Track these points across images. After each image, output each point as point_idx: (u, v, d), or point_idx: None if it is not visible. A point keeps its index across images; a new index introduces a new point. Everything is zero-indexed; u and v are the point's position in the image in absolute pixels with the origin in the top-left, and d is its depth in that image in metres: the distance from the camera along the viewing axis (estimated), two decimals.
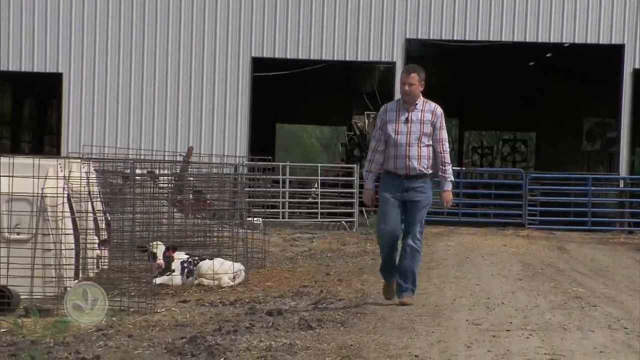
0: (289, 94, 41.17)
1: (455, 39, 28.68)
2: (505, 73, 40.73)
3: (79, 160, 14.82)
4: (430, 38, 28.84)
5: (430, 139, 11.22)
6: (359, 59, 29.16)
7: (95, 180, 15.07)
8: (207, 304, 11.96)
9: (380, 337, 9.34)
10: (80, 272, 13.32)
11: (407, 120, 11.20)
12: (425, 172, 11.22)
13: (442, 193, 11.44)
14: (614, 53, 28.59)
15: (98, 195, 14.87)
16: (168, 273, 13.75)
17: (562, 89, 41.13)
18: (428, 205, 11.39)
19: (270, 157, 26.46)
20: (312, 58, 28.83)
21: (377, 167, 11.41)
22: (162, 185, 19.27)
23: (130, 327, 10.15)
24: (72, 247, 12.62)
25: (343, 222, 25.45)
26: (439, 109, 11.34)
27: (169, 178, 20.18)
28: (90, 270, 13.77)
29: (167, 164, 21.48)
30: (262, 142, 36.08)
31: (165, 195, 18.75)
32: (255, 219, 20.80)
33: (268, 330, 9.87)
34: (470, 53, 31.48)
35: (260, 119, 33.07)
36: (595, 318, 10.86)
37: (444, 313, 10.97)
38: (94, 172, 15.37)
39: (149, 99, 28.46)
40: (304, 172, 30.75)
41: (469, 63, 37.86)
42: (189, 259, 13.95)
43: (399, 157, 11.18)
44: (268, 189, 24.63)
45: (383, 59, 28.95)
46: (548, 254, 19.43)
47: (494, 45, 29.06)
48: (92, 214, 13.86)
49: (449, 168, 11.30)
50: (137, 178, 17.34)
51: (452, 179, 11.35)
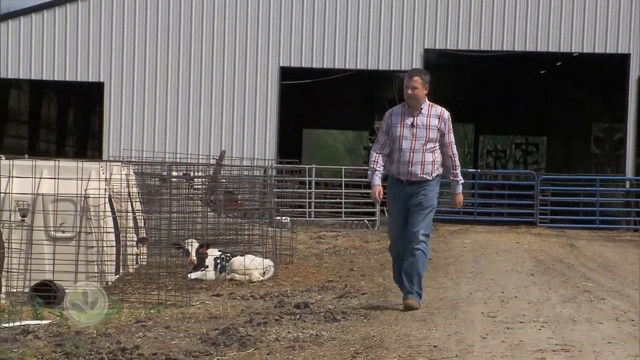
0: (315, 101, 41.16)
1: (471, 49, 28.64)
2: (518, 80, 40.59)
3: (119, 164, 14.86)
4: (447, 48, 28.84)
5: (437, 144, 10.46)
6: (380, 68, 29.17)
7: (135, 182, 15.11)
8: (238, 298, 11.95)
9: (401, 328, 9.32)
10: (121, 267, 13.36)
11: (412, 125, 10.42)
12: (428, 178, 10.47)
13: (454, 196, 10.75)
14: (620, 62, 28.46)
15: (137, 196, 14.91)
16: (202, 268, 13.77)
17: (571, 96, 40.95)
18: (432, 207, 10.53)
19: (297, 160, 26.46)
20: (336, 67, 28.85)
21: (381, 166, 10.53)
22: (196, 187, 19.29)
23: (168, 319, 10.16)
24: (113, 244, 12.65)
25: (365, 220, 25.42)
26: (446, 113, 10.54)
27: (203, 180, 20.21)
28: (130, 266, 13.81)
29: (201, 167, 21.52)
30: (289, 146, 36.08)
31: (200, 196, 18.77)
32: (284, 218, 20.80)
33: (296, 322, 9.87)
34: (485, 62, 31.39)
35: (288, 124, 33.03)
36: (604, 311, 10.80)
37: (461, 306, 10.93)
38: (133, 174, 15.41)
39: (184, 106, 28.54)
40: (329, 174, 30.73)
41: (484, 71, 37.78)
42: (222, 256, 13.96)
43: (402, 162, 10.43)
44: (295, 190, 24.62)
45: (403, 68, 28.87)
46: (558, 251, 19.35)
47: (507, 55, 28.99)
48: (131, 214, 13.89)
49: (459, 171, 10.65)
50: (173, 180, 17.39)
51: (462, 182, 10.74)
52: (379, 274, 14.30)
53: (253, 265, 13.89)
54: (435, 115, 10.46)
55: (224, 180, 20.57)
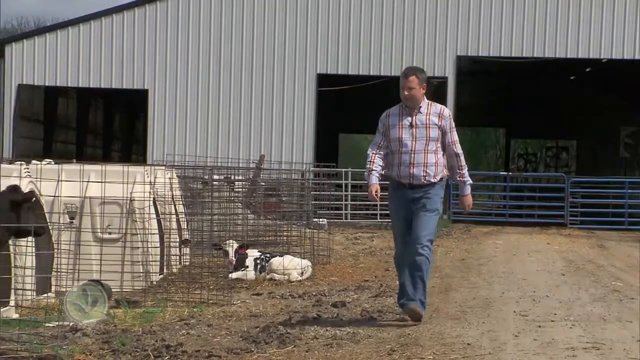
0: (351, 107, 41.14)
1: (502, 56, 28.53)
2: (548, 86, 40.35)
3: (163, 167, 14.93)
4: (480, 55, 28.74)
5: (439, 143, 9.43)
6: None
7: (178, 185, 15.17)
8: (278, 297, 11.96)
9: (435, 326, 9.28)
10: (165, 268, 13.42)
11: (411, 125, 9.40)
12: (432, 181, 9.42)
13: (462, 198, 9.76)
14: None
15: (180, 199, 14.97)
16: (243, 269, 13.80)
17: (600, 100, 40.65)
18: (436, 211, 9.47)
19: (334, 163, 26.47)
20: (371, 74, 28.84)
21: (378, 166, 9.50)
22: (237, 190, 19.34)
23: (210, 317, 10.19)
24: (157, 245, 12.71)
25: None
26: (446, 111, 9.56)
27: (243, 183, 20.26)
28: (174, 266, 13.86)
29: (241, 170, 21.57)
30: (326, 150, 36.07)
31: (240, 199, 18.82)
32: (321, 220, 20.80)
33: (333, 321, 9.86)
34: (516, 68, 31.23)
35: (325, 129, 33.04)
36: (633, 310, 10.70)
37: (494, 305, 10.87)
38: (177, 177, 15.48)
39: (225, 112, 28.65)
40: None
41: (515, 77, 37.58)
42: (262, 256, 13.99)
43: (403, 165, 9.41)
44: (332, 193, 24.62)
45: (436, 74, 28.85)
46: (588, 251, 19.20)
47: (538, 61, 28.83)
48: (175, 216, 13.95)
49: (466, 171, 9.57)
50: (214, 183, 17.44)
51: (470, 182, 9.67)
52: None
53: (292, 266, 13.90)
54: (435, 114, 9.45)
55: (264, 184, 20.61)
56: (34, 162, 12.46)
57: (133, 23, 28.60)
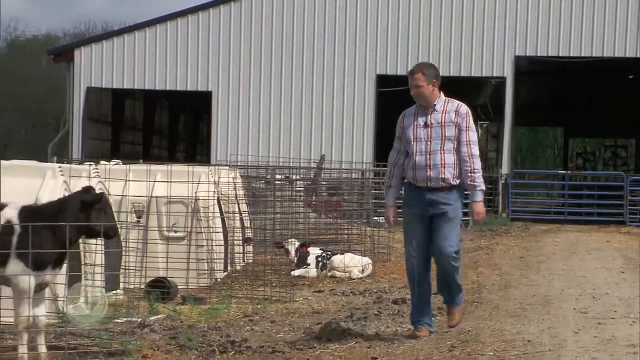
0: (410, 106, 40.95)
1: (560, 55, 28.24)
2: (607, 85, 39.80)
3: (227, 168, 15.02)
4: (537, 55, 28.49)
5: (456, 143, 8.51)
6: (472, 75, 28.96)
7: (241, 185, 15.25)
8: (339, 294, 11.96)
9: (496, 323, 9.21)
10: (229, 265, 13.49)
11: (426, 125, 8.56)
12: (451, 183, 8.48)
13: (472, 204, 8.63)
14: None
15: (243, 198, 15.05)
16: (304, 266, 13.83)
17: None
18: (457, 218, 8.58)
19: None
20: None
21: (397, 180, 8.72)
22: (298, 189, 19.39)
23: (273, 313, 10.23)
24: (221, 243, 12.78)
25: None
26: (464, 108, 8.68)
27: (304, 182, 20.29)
28: (237, 264, 13.93)
29: (302, 170, 21.62)
30: (385, 149, 35.97)
31: (301, 198, 18.86)
32: (381, 218, 20.74)
33: (394, 317, 9.84)
34: (573, 67, 30.87)
35: (385, 129, 32.94)
36: None
37: (553, 302, 10.76)
38: (240, 177, 15.56)
39: (287, 113, 28.72)
40: None
41: (573, 76, 37.11)
42: (323, 254, 14.01)
43: (419, 167, 8.50)
44: None
45: (494, 75, 28.70)
46: None
47: (596, 60, 28.48)
48: (238, 215, 14.02)
49: (479, 175, 8.50)
50: (276, 183, 17.50)
51: (482, 188, 8.57)
52: (473, 272, 14.17)
53: (352, 263, 13.90)
54: (452, 111, 8.62)
55: (324, 183, 20.63)
56: (103, 162, 12.61)
57: (197, 27, 28.80)
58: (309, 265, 13.85)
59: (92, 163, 11.39)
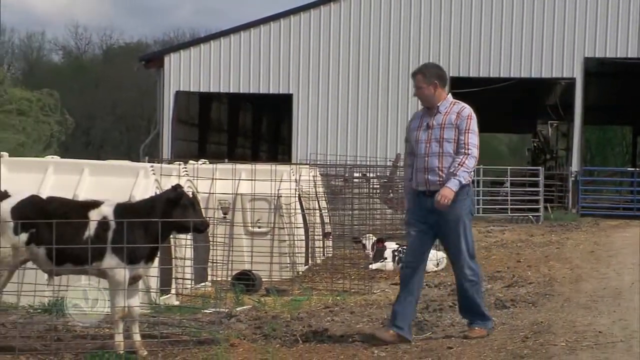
0: (481, 107, 40.57)
1: (630, 57, 27.75)
2: None
3: (307, 166, 15.06)
4: (607, 56, 28.02)
5: (455, 145, 7.85)
6: (543, 76, 28.63)
7: (321, 183, 15.28)
8: None
9: (567, 315, 9.07)
10: (310, 259, 13.53)
11: (428, 127, 7.91)
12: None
13: (442, 187, 7.71)
14: None
15: (323, 195, 15.08)
16: (382, 260, 13.80)
17: None
18: (462, 222, 7.86)
19: None
20: (501, 76, 28.46)
21: (409, 184, 8.13)
22: (375, 186, 19.35)
23: (352, 305, 10.22)
24: (302, 238, 12.83)
25: (530, 216, 24.94)
26: (467, 110, 7.97)
27: (381, 180, 20.25)
28: (318, 258, 13.96)
29: (378, 168, 21.57)
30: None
31: (378, 195, 18.82)
32: None
33: None
34: None
35: None
36: None
37: (624, 295, 10.55)
38: (320, 175, 15.59)
39: (364, 114, 28.72)
40: (495, 173, 30.30)
41: None
42: (399, 248, 13.95)
43: (419, 170, 7.88)
44: None
45: (564, 76, 28.35)
46: None
47: None
48: (318, 211, 14.05)
49: (464, 170, 7.73)
50: (354, 180, 17.49)
51: (461, 180, 7.69)
52: (544, 265, 13.99)
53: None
54: (454, 112, 7.94)
55: (400, 181, 20.56)
56: (191, 162, 12.75)
57: (279, 33, 28.96)
58: (386, 259, 13.81)
59: (181, 163, 11.53)
